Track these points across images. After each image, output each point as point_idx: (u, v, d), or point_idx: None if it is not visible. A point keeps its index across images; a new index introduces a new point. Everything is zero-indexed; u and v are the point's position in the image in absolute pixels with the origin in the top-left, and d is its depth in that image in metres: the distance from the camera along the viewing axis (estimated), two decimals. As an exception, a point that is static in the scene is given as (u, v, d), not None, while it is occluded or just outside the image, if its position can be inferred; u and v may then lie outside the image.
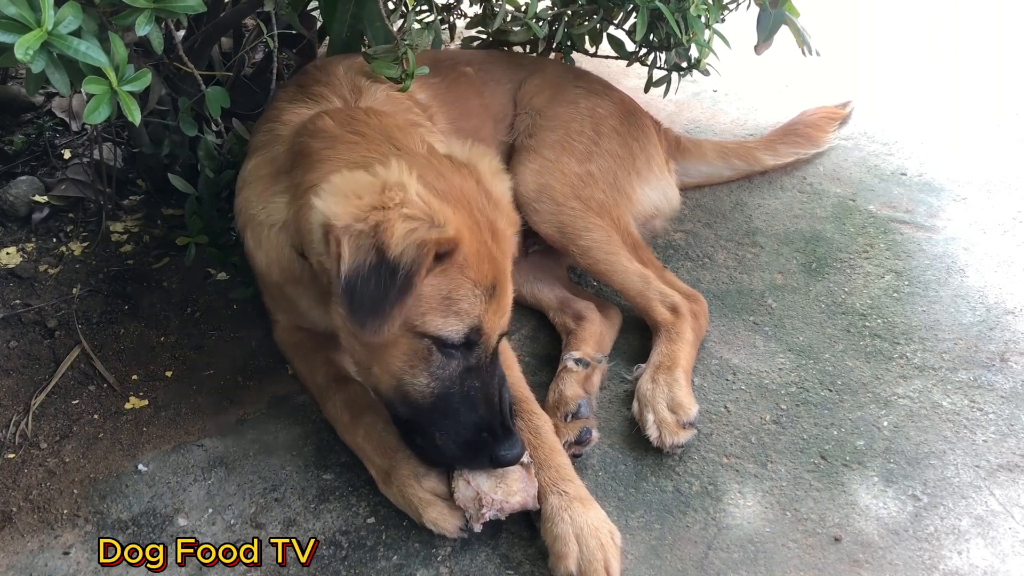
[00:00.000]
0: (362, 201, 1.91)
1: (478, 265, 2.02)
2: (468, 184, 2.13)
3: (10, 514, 2.29)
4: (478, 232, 2.05)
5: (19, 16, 1.81)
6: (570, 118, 2.93)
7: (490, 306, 2.06)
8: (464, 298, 2.02)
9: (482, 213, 2.10)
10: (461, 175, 2.15)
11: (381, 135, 2.23)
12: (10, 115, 3.79)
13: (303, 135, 2.31)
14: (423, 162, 2.13)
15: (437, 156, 2.21)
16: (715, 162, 3.41)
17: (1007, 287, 2.95)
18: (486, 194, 2.16)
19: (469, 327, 2.03)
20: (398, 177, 1.96)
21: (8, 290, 2.96)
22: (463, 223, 2.01)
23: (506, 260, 2.12)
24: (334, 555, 2.18)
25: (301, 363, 2.56)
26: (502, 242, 2.12)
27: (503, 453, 2.05)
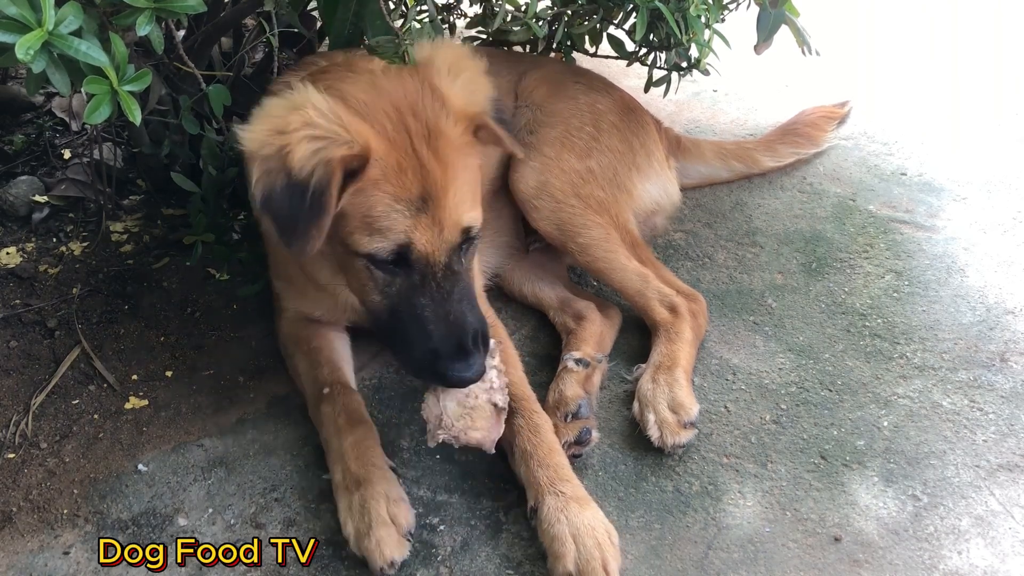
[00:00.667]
0: (270, 125, 1.94)
1: (398, 179, 1.97)
2: (406, 87, 2.05)
3: (10, 514, 2.29)
4: (402, 142, 1.98)
5: (20, 16, 1.81)
6: (570, 114, 2.93)
7: (420, 220, 1.99)
8: (383, 215, 1.98)
9: (416, 118, 2.01)
10: (402, 80, 2.07)
11: (342, 66, 2.23)
12: (10, 115, 3.78)
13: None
14: (361, 78, 2.09)
15: (387, 69, 2.14)
16: (714, 163, 3.41)
17: (1007, 287, 2.95)
18: (431, 92, 2.06)
19: (396, 244, 2.00)
20: (304, 97, 1.94)
21: (8, 290, 2.96)
22: (378, 136, 1.96)
23: (445, 166, 2.00)
24: (334, 555, 2.18)
25: (302, 360, 2.54)
26: (440, 146, 2.01)
27: (452, 372, 2.03)
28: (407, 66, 2.14)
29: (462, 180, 2.04)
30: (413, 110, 2.02)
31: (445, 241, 2.03)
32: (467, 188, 2.06)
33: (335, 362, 2.51)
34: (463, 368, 2.03)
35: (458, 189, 2.03)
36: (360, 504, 2.14)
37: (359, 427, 2.31)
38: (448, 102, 2.06)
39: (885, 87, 4.10)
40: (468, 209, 2.06)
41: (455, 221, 2.03)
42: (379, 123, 1.99)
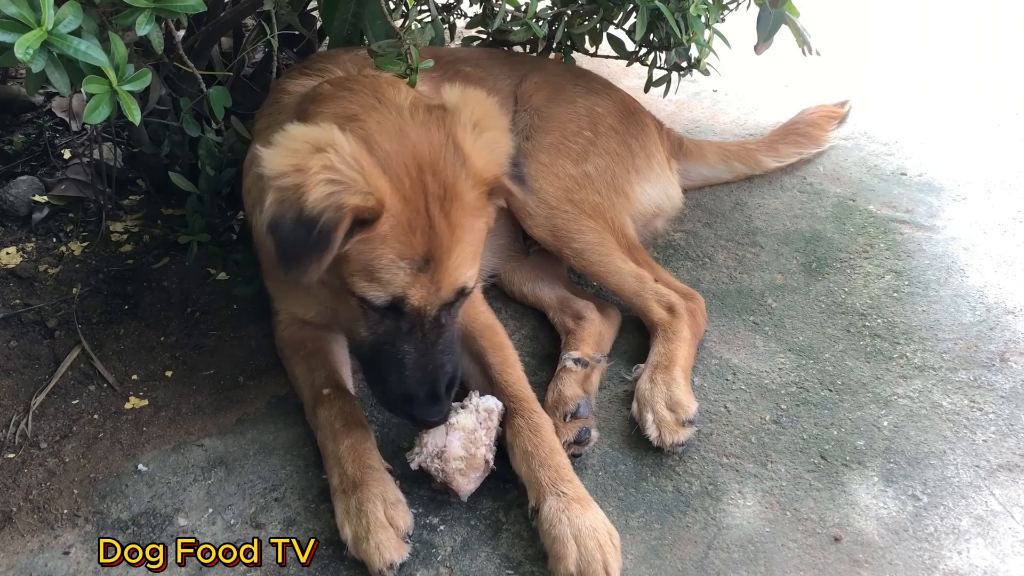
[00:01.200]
0: (293, 158, 1.96)
1: (406, 237, 2.00)
2: (431, 140, 2.06)
3: (10, 514, 2.29)
4: (416, 201, 2.00)
5: (19, 16, 1.81)
6: (567, 118, 2.93)
7: (419, 279, 2.03)
8: (385, 268, 2.02)
9: (434, 176, 2.02)
10: (428, 130, 2.08)
11: (368, 89, 2.23)
12: (10, 115, 3.79)
13: (305, 101, 2.35)
14: (388, 117, 2.10)
15: (415, 107, 2.15)
16: (716, 165, 3.41)
17: (1007, 287, 2.95)
18: (454, 149, 2.07)
19: (392, 296, 2.05)
20: (329, 138, 1.97)
21: (8, 290, 2.96)
22: (394, 192, 1.98)
23: (453, 229, 2.03)
24: (334, 555, 2.18)
25: (300, 364, 2.53)
26: (453, 208, 2.03)
27: (419, 414, 2.14)
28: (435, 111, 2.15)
29: (467, 241, 2.08)
30: (434, 168, 2.03)
31: (440, 299, 2.09)
32: (470, 249, 2.10)
33: (332, 365, 2.51)
34: (431, 413, 2.14)
35: (462, 251, 2.07)
36: (357, 507, 2.15)
37: (355, 430, 2.30)
38: (469, 163, 2.07)
39: (885, 87, 4.10)
40: (467, 269, 2.10)
41: (452, 281, 2.08)
42: (399, 178, 2.00)
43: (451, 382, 2.16)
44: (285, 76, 2.70)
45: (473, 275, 2.14)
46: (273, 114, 2.51)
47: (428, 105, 2.18)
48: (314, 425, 2.41)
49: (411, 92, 2.27)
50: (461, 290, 2.12)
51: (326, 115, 2.15)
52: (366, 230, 1.98)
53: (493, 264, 2.95)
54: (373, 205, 1.95)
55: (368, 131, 2.06)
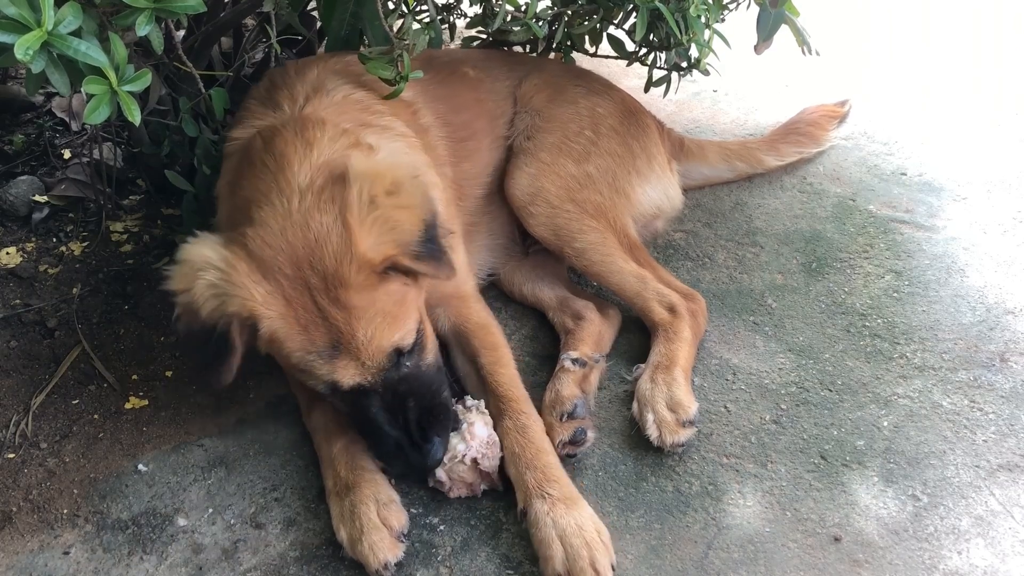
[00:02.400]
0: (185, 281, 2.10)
1: (301, 335, 2.05)
2: (316, 228, 2.04)
3: (10, 514, 2.29)
4: (301, 298, 2.03)
5: (19, 16, 1.81)
6: (568, 119, 2.93)
7: (337, 365, 2.06)
8: (301, 363, 2.09)
9: (313, 269, 2.02)
10: (314, 217, 2.06)
11: (276, 163, 2.22)
12: (10, 115, 3.79)
13: (241, 160, 2.37)
14: (275, 213, 2.09)
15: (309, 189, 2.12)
16: (717, 164, 3.41)
17: (1007, 287, 2.95)
18: (341, 231, 2.03)
19: (324, 383, 2.12)
20: (207, 258, 2.07)
21: (8, 290, 2.96)
22: (272, 295, 2.03)
23: (349, 312, 2.03)
24: (334, 555, 2.18)
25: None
26: (341, 295, 2.02)
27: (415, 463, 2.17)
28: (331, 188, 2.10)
29: (373, 314, 2.05)
30: (312, 262, 2.02)
31: (370, 370, 2.08)
32: (382, 319, 2.06)
33: None
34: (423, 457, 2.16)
35: (369, 325, 2.04)
36: (350, 509, 2.16)
37: (349, 432, 2.31)
38: (354, 244, 2.03)
39: (885, 87, 4.10)
40: (389, 336, 2.07)
41: (374, 353, 2.06)
42: (276, 281, 2.04)
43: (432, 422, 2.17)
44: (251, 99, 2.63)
45: (404, 334, 2.10)
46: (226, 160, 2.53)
47: (327, 180, 2.13)
48: (309, 428, 2.43)
49: (318, 162, 2.20)
50: (395, 353, 2.10)
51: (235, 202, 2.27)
52: (260, 336, 2.07)
53: (492, 264, 2.96)
54: (248, 315, 2.03)
55: (248, 238, 2.07)
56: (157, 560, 2.19)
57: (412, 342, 2.14)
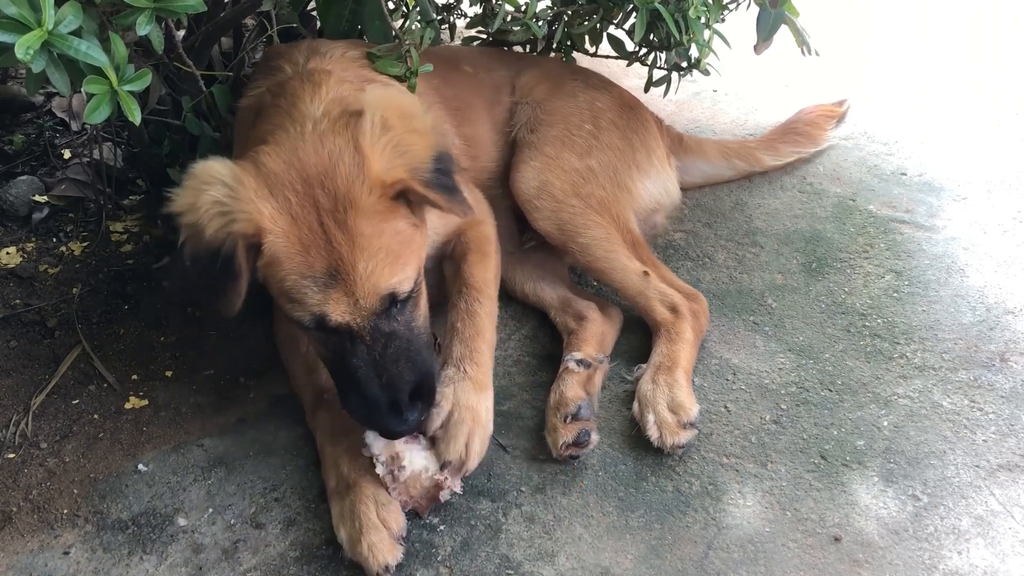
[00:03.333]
0: (190, 196, 2.03)
1: (301, 256, 2.00)
2: (327, 150, 2.04)
3: (10, 514, 2.29)
4: (308, 218, 1.99)
5: (19, 16, 1.81)
6: (569, 112, 2.93)
7: (330, 295, 2.00)
8: (294, 290, 2.02)
9: (326, 189, 1.99)
10: (326, 139, 2.06)
11: (287, 101, 2.24)
12: (10, 115, 3.79)
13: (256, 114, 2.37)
14: (287, 135, 2.10)
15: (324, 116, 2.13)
16: (717, 161, 3.41)
17: (1007, 287, 2.95)
18: (353, 154, 2.03)
19: (312, 315, 2.04)
20: (213, 174, 2.02)
21: (8, 290, 2.96)
22: (278, 213, 1.99)
23: (354, 239, 1.99)
24: (334, 555, 2.18)
25: (301, 364, 2.54)
26: (349, 217, 1.99)
27: (383, 425, 2.11)
28: (344, 117, 2.11)
29: (377, 248, 2.02)
30: (323, 181, 2.00)
31: (362, 310, 2.04)
32: (384, 255, 2.03)
33: None
34: (395, 423, 2.10)
35: (371, 258, 2.01)
36: (350, 509, 2.16)
37: (353, 434, 2.30)
38: (366, 165, 2.02)
39: (885, 87, 4.10)
40: (388, 276, 2.04)
41: (370, 291, 2.02)
42: (284, 198, 2.00)
43: (416, 391, 2.12)
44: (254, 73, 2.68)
45: (402, 279, 2.07)
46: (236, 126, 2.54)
47: (341, 112, 2.14)
48: (313, 427, 2.42)
49: (328, 97, 2.22)
50: (389, 297, 2.06)
51: (249, 138, 2.24)
52: (262, 256, 2.02)
53: None
54: (253, 231, 1.98)
55: (261, 153, 2.07)
56: (157, 560, 2.19)
57: (408, 291, 2.10)
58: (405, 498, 2.19)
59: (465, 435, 2.20)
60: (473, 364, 2.30)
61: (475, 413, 2.23)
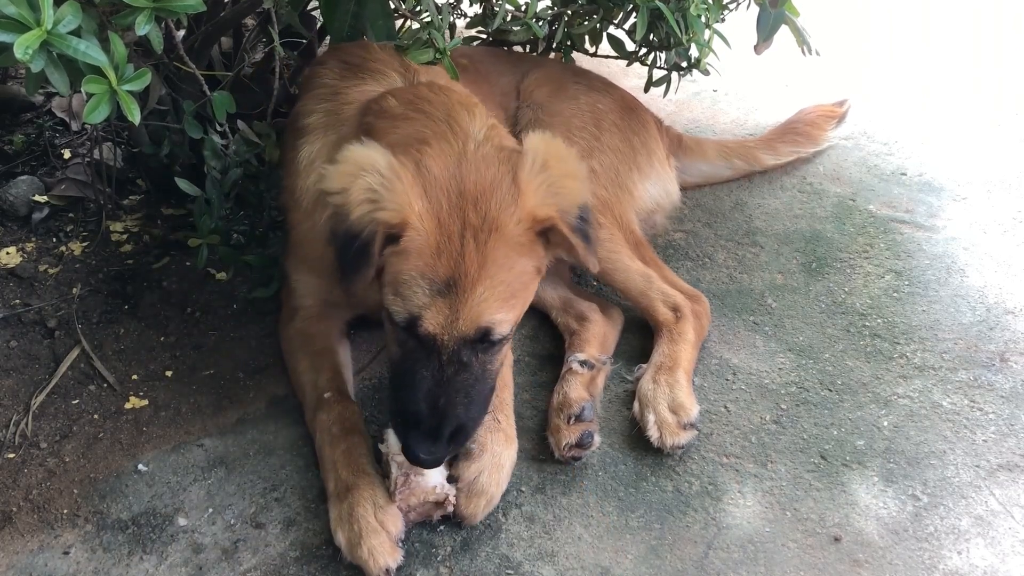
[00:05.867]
0: (344, 180, 2.06)
1: (431, 258, 2.02)
2: (487, 172, 2.08)
3: (10, 514, 2.29)
4: (451, 226, 2.02)
5: (18, 16, 1.81)
6: (571, 114, 2.94)
7: (437, 303, 2.02)
8: (406, 284, 2.05)
9: (476, 206, 2.03)
10: (488, 162, 2.10)
11: (442, 112, 2.25)
12: (10, 115, 3.78)
13: (369, 115, 2.36)
14: (452, 145, 2.13)
15: (486, 140, 2.17)
16: (716, 161, 3.41)
17: (1007, 287, 2.95)
18: (510, 184, 2.07)
19: (409, 314, 2.05)
20: (373, 161, 2.05)
21: (8, 290, 2.96)
22: (427, 212, 2.02)
23: (484, 261, 2.03)
24: (334, 555, 2.18)
25: (304, 361, 2.54)
26: (490, 240, 2.02)
27: (412, 447, 2.09)
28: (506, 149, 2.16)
29: (499, 280, 2.04)
30: (478, 199, 2.03)
31: (457, 331, 2.05)
32: (503, 289, 2.05)
33: (337, 368, 2.51)
34: (423, 450, 2.09)
35: (490, 287, 2.03)
36: (348, 512, 2.15)
37: (352, 437, 2.31)
38: (521, 198, 2.06)
39: (885, 87, 4.10)
40: (495, 311, 2.05)
41: (473, 317, 2.04)
42: (437, 201, 2.03)
43: (458, 431, 2.11)
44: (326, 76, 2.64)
45: (504, 320, 2.08)
46: (330, 125, 2.51)
47: (502, 143, 2.19)
48: (312, 428, 2.41)
49: (487, 122, 2.26)
50: (485, 332, 2.06)
51: (397, 136, 2.20)
52: (396, 245, 2.04)
53: None
54: (396, 222, 2.00)
55: (424, 155, 2.09)
56: (157, 560, 2.19)
57: (503, 334, 2.11)
58: (404, 504, 2.18)
59: (490, 492, 2.23)
60: (504, 415, 2.33)
61: (500, 468, 2.26)
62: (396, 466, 2.19)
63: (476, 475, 2.22)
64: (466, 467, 2.22)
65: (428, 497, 2.18)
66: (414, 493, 2.18)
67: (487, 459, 2.24)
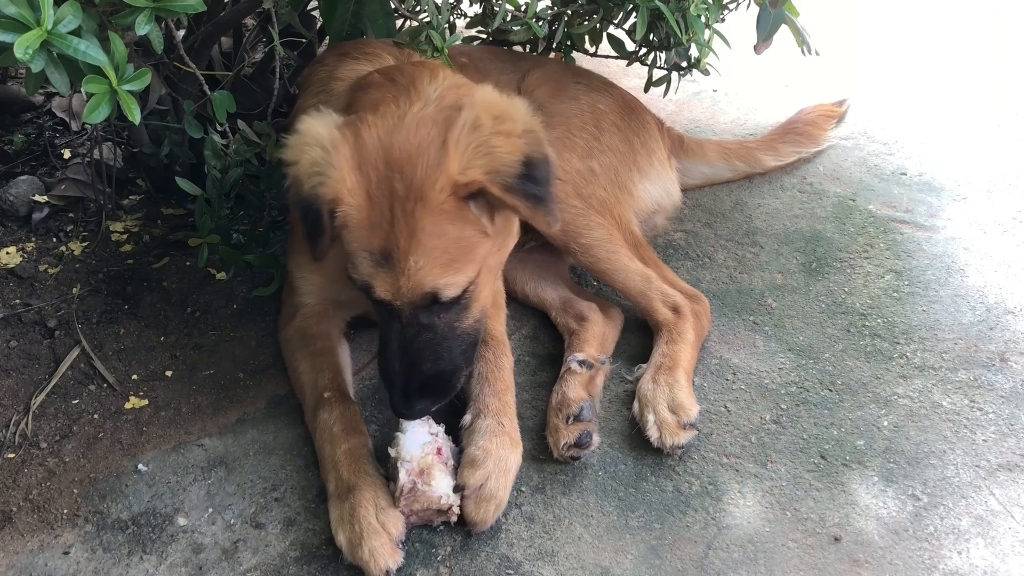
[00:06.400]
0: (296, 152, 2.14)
1: (366, 232, 2.07)
2: (419, 138, 2.06)
3: (10, 514, 2.29)
4: (381, 199, 2.04)
5: (18, 15, 1.81)
6: (571, 114, 2.93)
7: (379, 273, 2.08)
8: (354, 255, 2.12)
9: (402, 175, 2.02)
10: (424, 127, 2.07)
11: (407, 79, 2.27)
12: (10, 115, 3.79)
13: (354, 89, 2.41)
14: (394, 112, 2.13)
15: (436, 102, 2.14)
16: (717, 163, 3.41)
17: (1007, 287, 2.95)
18: (439, 148, 2.03)
19: (362, 282, 2.13)
20: (316, 134, 2.11)
21: (8, 290, 2.96)
22: (358, 187, 2.06)
23: (413, 231, 2.02)
24: (334, 555, 2.18)
25: (305, 361, 2.53)
26: (416, 209, 2.02)
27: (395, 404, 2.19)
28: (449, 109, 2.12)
29: (432, 247, 2.04)
30: (404, 168, 2.03)
31: (404, 297, 2.09)
32: (439, 255, 2.05)
33: (337, 368, 2.51)
34: (403, 406, 2.18)
35: (424, 255, 2.04)
36: (350, 512, 2.15)
37: (353, 437, 2.30)
38: (445, 162, 2.03)
39: (885, 87, 4.10)
40: (435, 276, 2.06)
41: (414, 285, 2.07)
42: (367, 174, 2.06)
43: (431, 384, 2.17)
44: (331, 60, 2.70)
45: (451, 283, 2.09)
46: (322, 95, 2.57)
47: (453, 102, 2.15)
48: (312, 428, 2.41)
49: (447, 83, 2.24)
50: (432, 296, 2.09)
51: (361, 104, 2.25)
52: (336, 219, 2.10)
53: None
54: (332, 197, 2.06)
55: (364, 123, 2.11)
56: (157, 560, 2.19)
57: (453, 296, 2.12)
58: (406, 509, 2.18)
59: (498, 497, 2.22)
60: (507, 418, 2.34)
61: (507, 472, 2.26)
62: (405, 473, 2.17)
63: (483, 481, 2.21)
64: (471, 474, 2.22)
65: (432, 505, 2.18)
66: (418, 500, 2.17)
67: (492, 464, 2.24)
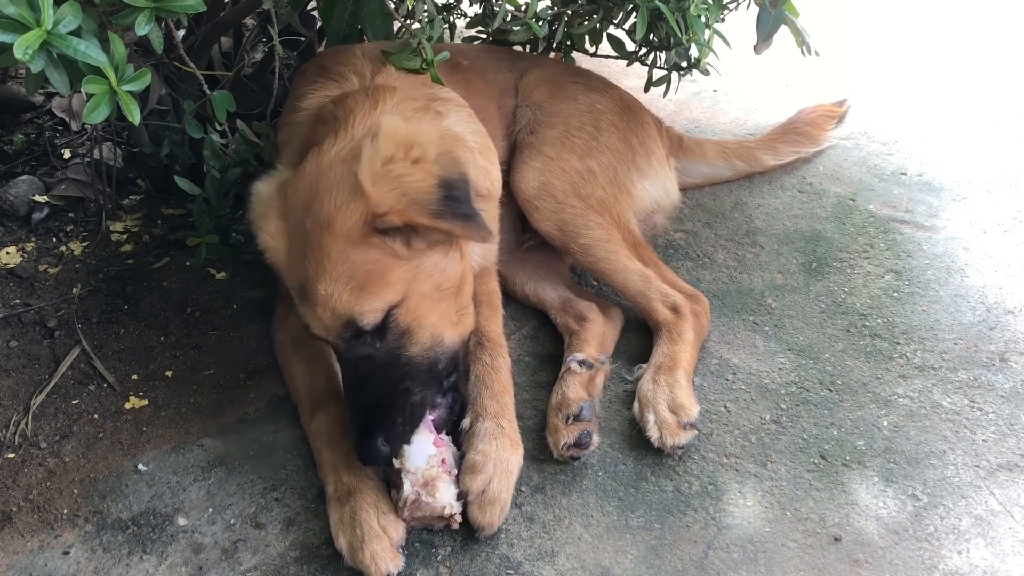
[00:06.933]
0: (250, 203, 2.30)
1: (288, 271, 2.20)
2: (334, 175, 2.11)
3: (10, 514, 2.29)
4: (297, 237, 2.14)
5: (18, 15, 1.81)
6: (570, 114, 2.93)
7: (305, 308, 2.14)
8: (290, 297, 2.22)
9: (312, 212, 2.08)
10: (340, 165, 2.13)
11: (345, 117, 2.32)
12: (10, 115, 3.79)
13: (314, 123, 2.45)
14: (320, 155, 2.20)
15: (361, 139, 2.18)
16: (716, 162, 3.41)
17: (1007, 287, 2.95)
18: (352, 182, 2.06)
19: (304, 323, 2.19)
20: (259, 188, 2.28)
21: (8, 290, 2.96)
22: (279, 232, 2.20)
23: (320, 260, 2.05)
24: (334, 555, 2.18)
25: (300, 365, 2.53)
26: (323, 240, 2.04)
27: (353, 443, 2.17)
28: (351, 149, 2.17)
29: (340, 273, 2.04)
30: (314, 207, 2.10)
31: (329, 329, 2.11)
32: (346, 280, 2.04)
33: (331, 371, 2.49)
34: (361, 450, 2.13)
35: (331, 282, 2.04)
36: (351, 516, 2.14)
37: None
38: (358, 196, 2.04)
39: (885, 87, 4.10)
40: (349, 303, 2.05)
41: (331, 315, 2.08)
42: (288, 219, 2.19)
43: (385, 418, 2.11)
44: (303, 79, 2.72)
45: (367, 310, 2.05)
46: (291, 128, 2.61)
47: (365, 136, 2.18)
48: (309, 431, 2.40)
49: (374, 117, 2.28)
50: (352, 324, 2.06)
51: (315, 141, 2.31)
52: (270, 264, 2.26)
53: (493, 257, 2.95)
54: (262, 247, 2.23)
55: (295, 175, 2.22)
56: (157, 560, 2.19)
57: (375, 322, 2.07)
58: (408, 516, 2.17)
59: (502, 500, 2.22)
60: (506, 420, 2.34)
61: (509, 474, 2.25)
62: (409, 484, 2.15)
63: (485, 485, 2.21)
64: (473, 479, 2.21)
65: (435, 514, 2.18)
66: (421, 510, 2.17)
67: (492, 468, 2.23)
